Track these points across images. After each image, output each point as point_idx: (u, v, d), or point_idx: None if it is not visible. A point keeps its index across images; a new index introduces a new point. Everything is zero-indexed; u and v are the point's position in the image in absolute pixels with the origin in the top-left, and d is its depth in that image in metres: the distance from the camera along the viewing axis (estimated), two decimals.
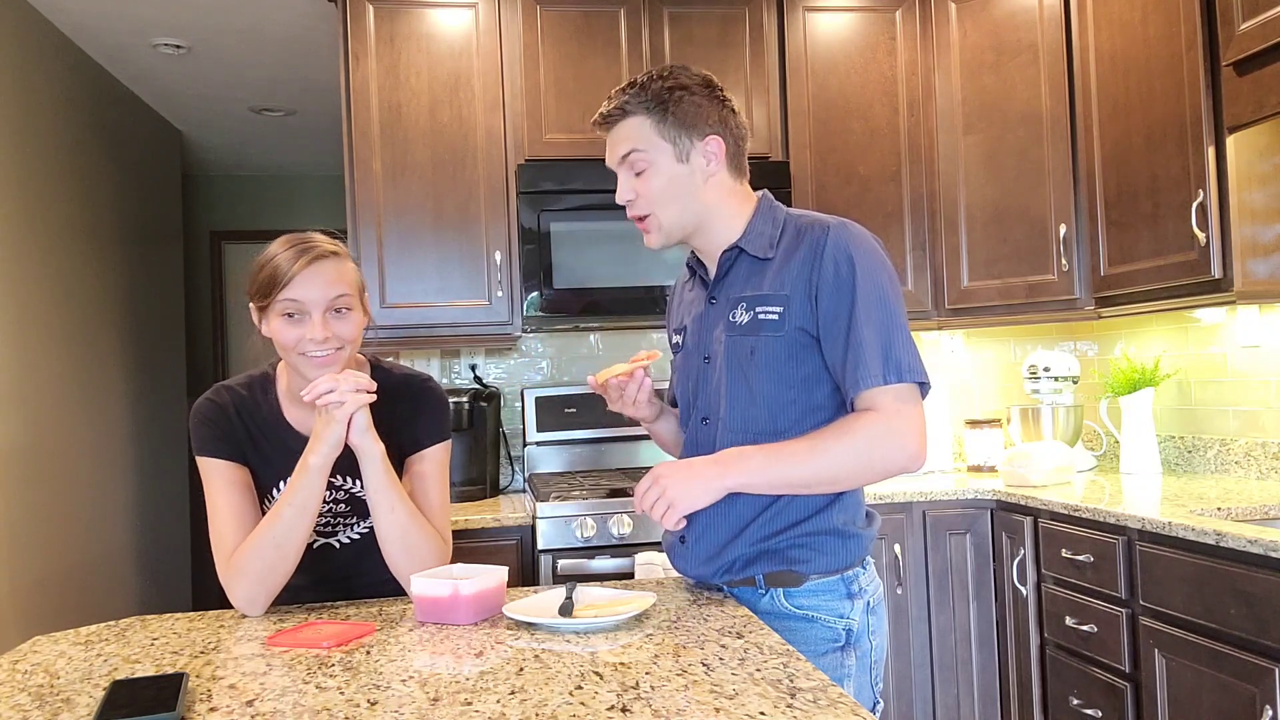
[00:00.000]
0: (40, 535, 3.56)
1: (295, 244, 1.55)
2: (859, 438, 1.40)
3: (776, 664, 1.17)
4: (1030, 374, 3.24)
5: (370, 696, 1.10)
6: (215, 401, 1.63)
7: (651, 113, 1.49)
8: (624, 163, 1.52)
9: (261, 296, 1.54)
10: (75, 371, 3.93)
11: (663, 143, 1.49)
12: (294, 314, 1.52)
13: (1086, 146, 2.92)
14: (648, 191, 1.51)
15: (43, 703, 1.12)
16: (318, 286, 1.52)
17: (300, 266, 1.51)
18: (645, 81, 1.50)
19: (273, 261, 1.53)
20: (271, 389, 1.66)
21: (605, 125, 1.54)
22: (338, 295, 1.54)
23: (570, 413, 3.33)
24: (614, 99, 1.52)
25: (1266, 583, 1.88)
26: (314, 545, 1.65)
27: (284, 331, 1.53)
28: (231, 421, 1.62)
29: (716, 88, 1.53)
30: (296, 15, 3.72)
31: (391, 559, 1.58)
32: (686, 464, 1.46)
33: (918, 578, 2.88)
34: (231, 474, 1.59)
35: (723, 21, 3.22)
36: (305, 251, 1.53)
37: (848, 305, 1.43)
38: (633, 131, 1.50)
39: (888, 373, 1.40)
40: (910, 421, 1.40)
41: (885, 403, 1.41)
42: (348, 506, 1.66)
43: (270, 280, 1.52)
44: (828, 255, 1.44)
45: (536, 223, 3.01)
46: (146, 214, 4.83)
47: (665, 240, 1.55)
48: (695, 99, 1.49)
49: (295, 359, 1.55)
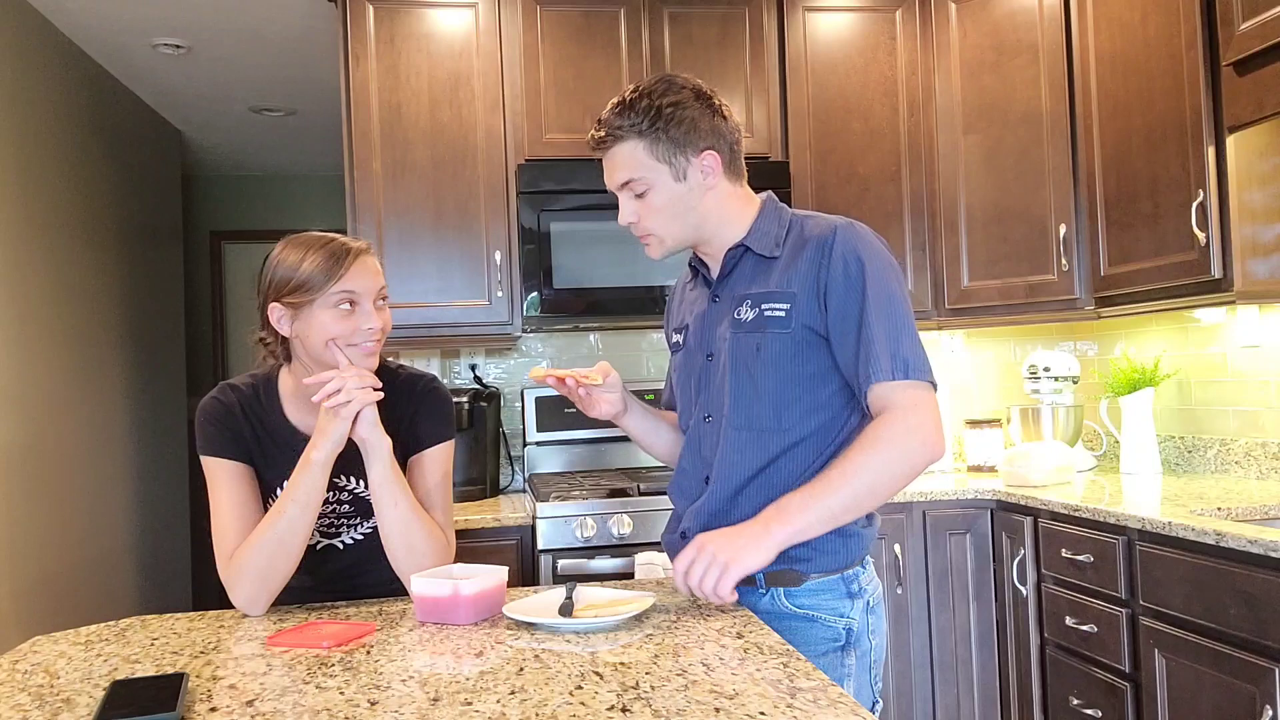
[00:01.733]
0: (40, 535, 3.56)
1: (329, 241, 1.58)
2: (883, 444, 1.39)
3: (776, 664, 1.17)
4: (1030, 374, 3.24)
5: (370, 696, 1.10)
6: (221, 400, 1.64)
7: (644, 136, 1.48)
8: (624, 188, 1.53)
9: (305, 292, 1.55)
10: (75, 371, 3.93)
11: (658, 164, 1.49)
12: (350, 304, 1.56)
13: (1086, 146, 2.92)
14: (649, 213, 1.52)
15: (43, 703, 1.12)
16: (369, 277, 1.57)
17: (352, 259, 1.56)
18: (633, 100, 1.49)
19: (313, 259, 1.55)
20: (275, 390, 1.66)
21: (599, 150, 1.54)
22: (382, 287, 1.60)
23: (570, 413, 3.33)
24: (604, 124, 1.51)
25: (1266, 583, 1.88)
26: (316, 546, 1.65)
27: (335, 323, 1.55)
28: (237, 421, 1.62)
29: (706, 95, 1.52)
30: (296, 15, 3.72)
31: (393, 555, 1.58)
32: (726, 530, 1.41)
33: (918, 578, 2.88)
34: (236, 473, 1.59)
35: (723, 21, 3.22)
36: (347, 246, 1.57)
37: (858, 305, 1.43)
38: (627, 158, 1.50)
39: (895, 370, 1.41)
40: (927, 413, 1.41)
41: (899, 399, 1.41)
42: (351, 507, 1.66)
43: (320, 274, 1.54)
44: (836, 255, 1.45)
45: (536, 223, 3.01)
46: (146, 214, 4.83)
47: (667, 252, 1.57)
48: (685, 113, 1.48)
49: (340, 352, 1.56)
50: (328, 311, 1.55)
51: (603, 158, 1.55)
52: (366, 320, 1.56)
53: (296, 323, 1.57)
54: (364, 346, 1.57)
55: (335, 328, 1.55)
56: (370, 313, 1.57)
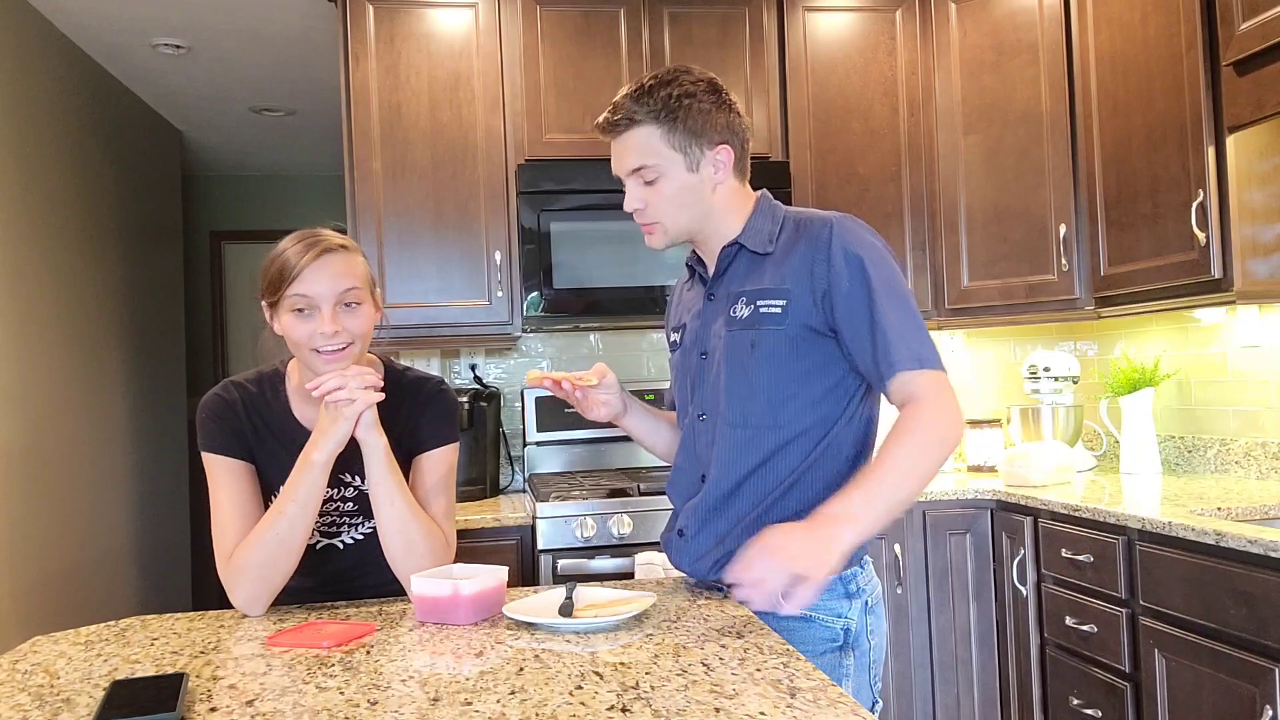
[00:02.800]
0: (40, 535, 3.56)
1: (303, 239, 1.54)
2: (920, 432, 1.37)
3: (776, 664, 1.17)
4: (1030, 374, 3.24)
5: (370, 696, 1.10)
6: (224, 397, 1.62)
7: (661, 122, 1.47)
8: (634, 174, 1.51)
9: (271, 292, 1.53)
10: (75, 371, 3.93)
11: (673, 153, 1.48)
12: (304, 309, 1.51)
13: (1086, 146, 2.92)
14: (658, 201, 1.50)
15: (43, 703, 1.12)
16: (326, 281, 1.51)
17: (308, 260, 1.50)
18: (652, 87, 1.48)
19: (281, 257, 1.52)
20: (281, 387, 1.65)
21: (611, 133, 1.52)
22: (347, 289, 1.52)
23: (570, 413, 3.32)
24: (620, 107, 1.49)
25: (1266, 583, 1.88)
26: (317, 546, 1.64)
27: (294, 327, 1.52)
28: (239, 418, 1.61)
29: (722, 91, 1.51)
30: (296, 15, 3.72)
31: (391, 553, 1.56)
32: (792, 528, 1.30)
33: (918, 578, 2.88)
34: (236, 471, 1.58)
35: (723, 21, 3.22)
36: (312, 246, 1.52)
37: (865, 300, 1.42)
38: (642, 143, 1.48)
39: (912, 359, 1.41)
40: (950, 397, 1.41)
41: (922, 384, 1.40)
42: (355, 505, 1.65)
43: (279, 276, 1.52)
44: (835, 251, 1.44)
45: (536, 223, 3.01)
46: (146, 214, 4.83)
47: (668, 242, 1.55)
48: (703, 105, 1.48)
49: (307, 355, 1.54)
50: (288, 315, 1.52)
51: (612, 141, 1.52)
52: (321, 325, 1.50)
53: (276, 322, 1.56)
54: (324, 353, 1.52)
55: (295, 332, 1.52)
56: (327, 318, 1.50)
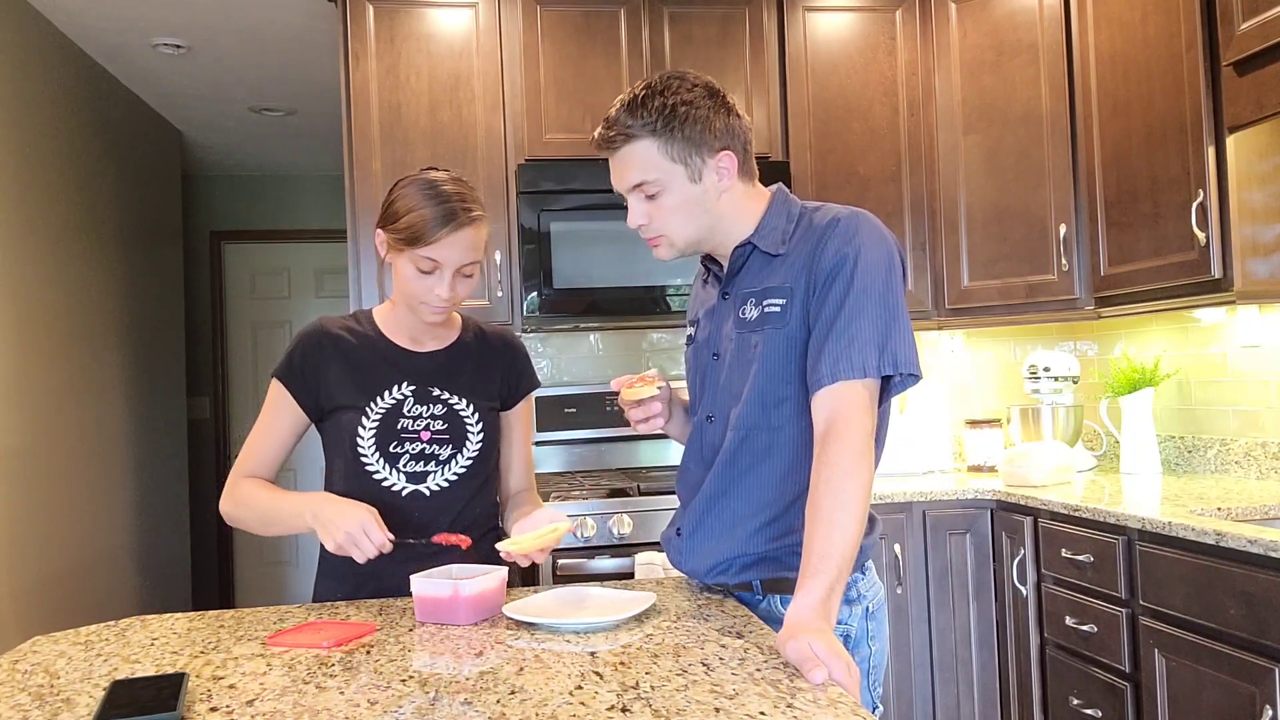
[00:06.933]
0: (40, 535, 3.56)
1: (442, 202, 1.59)
2: (837, 485, 1.27)
3: (776, 664, 1.17)
4: (1030, 374, 3.24)
5: (370, 696, 1.10)
6: (329, 332, 1.71)
7: (657, 135, 1.41)
8: (634, 191, 1.46)
9: (397, 238, 1.61)
10: (75, 371, 3.92)
11: (673, 165, 1.42)
12: (429, 271, 1.60)
13: (1086, 146, 2.92)
14: (661, 215, 1.46)
15: (43, 703, 1.12)
16: (457, 252, 1.60)
17: (448, 232, 1.58)
18: (645, 98, 1.42)
19: (419, 215, 1.58)
20: (372, 320, 1.76)
21: (607, 149, 1.47)
22: (471, 261, 1.62)
23: (570, 413, 3.33)
24: (614, 122, 1.44)
25: (1266, 583, 1.88)
26: (402, 493, 1.67)
27: (413, 280, 1.61)
28: (327, 357, 1.69)
29: (719, 94, 1.46)
30: (296, 15, 3.72)
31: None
32: (813, 634, 1.15)
33: (918, 578, 2.88)
34: (287, 412, 1.70)
35: (723, 21, 3.22)
36: (452, 216, 1.58)
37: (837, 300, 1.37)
38: (640, 158, 1.43)
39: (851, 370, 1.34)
40: (861, 428, 1.32)
41: (838, 408, 1.32)
42: (444, 424, 1.69)
43: (412, 234, 1.58)
44: (829, 248, 1.40)
45: (536, 223, 3.01)
46: (146, 214, 4.83)
47: (677, 254, 1.51)
48: (700, 112, 1.42)
49: (415, 305, 1.64)
50: (409, 267, 1.61)
51: (610, 158, 1.47)
52: (440, 287, 1.60)
53: (389, 256, 1.65)
54: (431, 308, 1.63)
55: (411, 285, 1.62)
56: (446, 282, 1.60)
